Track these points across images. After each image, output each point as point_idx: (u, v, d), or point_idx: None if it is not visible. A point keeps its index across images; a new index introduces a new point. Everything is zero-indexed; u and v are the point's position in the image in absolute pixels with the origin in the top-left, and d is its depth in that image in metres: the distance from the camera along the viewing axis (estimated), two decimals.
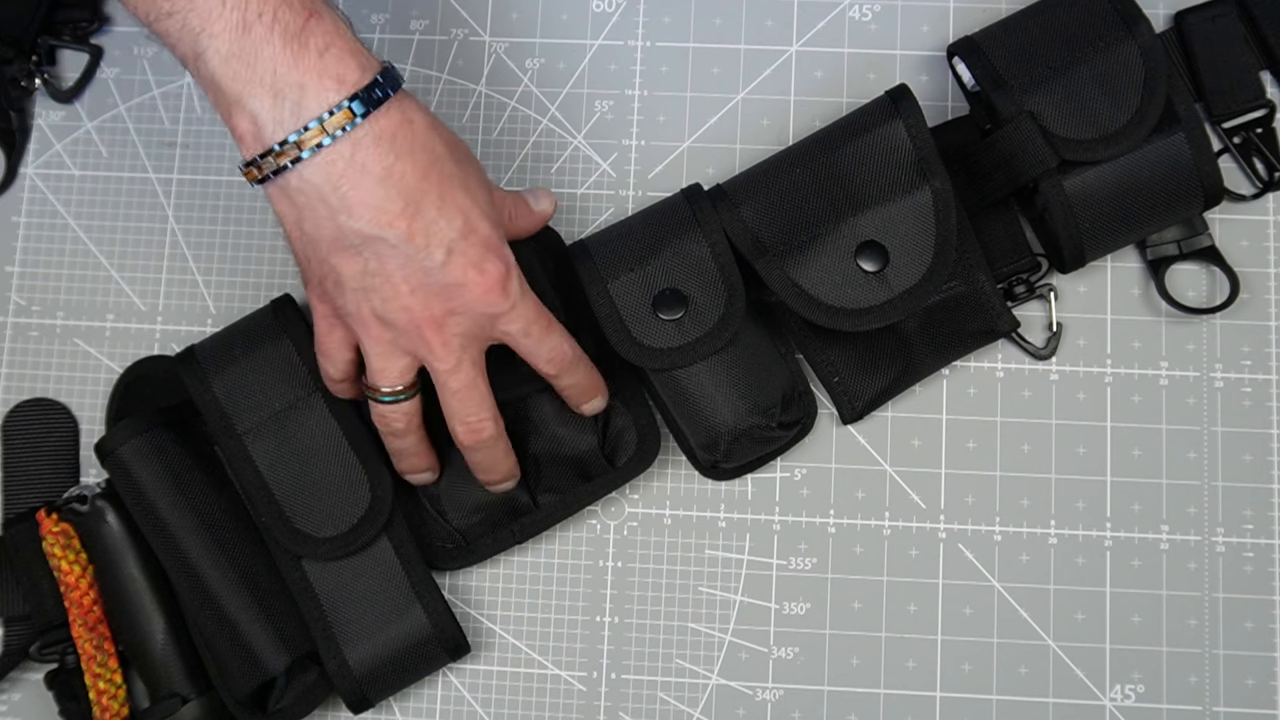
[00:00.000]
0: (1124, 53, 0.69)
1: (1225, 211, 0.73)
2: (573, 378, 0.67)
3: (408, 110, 0.60)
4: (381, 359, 0.63)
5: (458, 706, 0.72)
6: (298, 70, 0.57)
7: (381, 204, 0.58)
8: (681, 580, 0.72)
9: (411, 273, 0.60)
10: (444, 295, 0.61)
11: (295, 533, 0.68)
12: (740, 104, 0.77)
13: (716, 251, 0.69)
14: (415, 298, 0.60)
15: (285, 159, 0.58)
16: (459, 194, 0.61)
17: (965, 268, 0.71)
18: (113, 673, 0.69)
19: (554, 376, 0.66)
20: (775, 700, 0.71)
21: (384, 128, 0.58)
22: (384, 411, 0.65)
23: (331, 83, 0.57)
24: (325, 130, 0.57)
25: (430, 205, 0.59)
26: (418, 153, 0.59)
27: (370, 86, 0.58)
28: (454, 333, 0.62)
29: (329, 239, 0.59)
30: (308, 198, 0.59)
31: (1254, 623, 0.70)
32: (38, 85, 0.79)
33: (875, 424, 0.73)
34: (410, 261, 0.59)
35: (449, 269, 0.60)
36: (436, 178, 0.60)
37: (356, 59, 0.58)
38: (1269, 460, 0.71)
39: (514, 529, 0.71)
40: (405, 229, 0.59)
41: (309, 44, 0.57)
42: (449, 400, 0.64)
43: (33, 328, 0.77)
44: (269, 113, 0.57)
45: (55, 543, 0.69)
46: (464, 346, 0.62)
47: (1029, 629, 0.71)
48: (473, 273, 0.61)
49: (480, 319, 0.62)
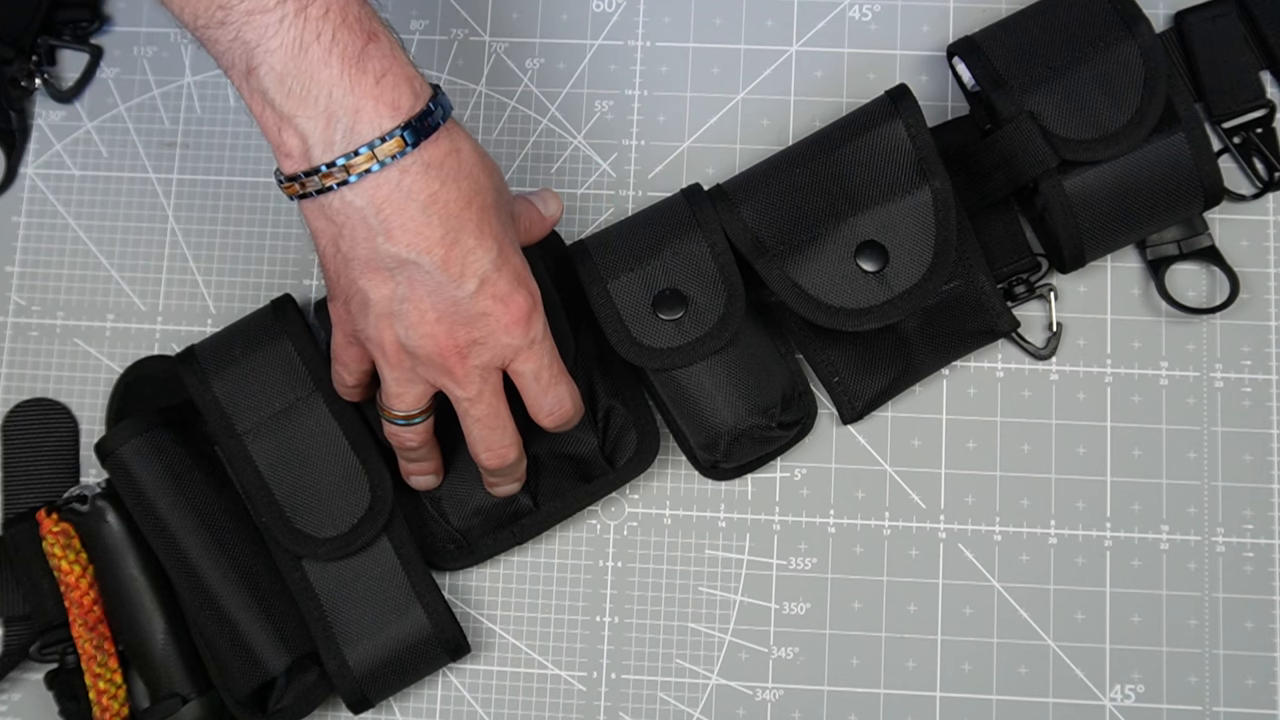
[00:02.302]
0: (1124, 53, 0.69)
1: (1225, 211, 0.73)
2: (566, 429, 0.67)
3: (456, 139, 0.59)
4: (399, 385, 0.63)
5: (458, 706, 0.72)
6: (354, 95, 0.56)
7: (421, 229, 0.58)
8: (681, 580, 0.72)
9: (440, 300, 0.59)
10: (469, 324, 0.60)
11: (295, 533, 0.68)
12: (740, 104, 0.77)
13: (716, 251, 0.69)
14: (441, 325, 0.60)
15: (332, 180, 0.57)
16: (495, 224, 0.60)
17: (965, 268, 0.71)
18: (113, 673, 0.69)
19: (548, 429, 0.66)
20: (775, 700, 0.71)
21: (433, 156, 0.58)
22: (398, 431, 0.65)
23: (387, 109, 0.57)
24: (376, 156, 0.57)
25: (469, 234, 0.59)
26: (462, 181, 0.59)
27: (423, 115, 0.57)
28: (475, 363, 0.61)
29: (363, 259, 0.59)
30: (348, 218, 0.58)
31: (1254, 623, 0.70)
32: (38, 85, 0.79)
33: (875, 424, 0.73)
34: (441, 289, 0.59)
35: (478, 299, 0.60)
36: (478, 207, 0.59)
37: (411, 85, 0.58)
38: (1269, 460, 0.71)
39: (514, 529, 0.71)
40: (442, 256, 0.58)
41: (367, 69, 0.56)
42: (472, 427, 0.63)
43: (33, 328, 0.77)
44: (320, 134, 0.56)
45: (55, 543, 0.69)
46: (484, 377, 0.62)
47: (1029, 629, 0.71)
48: (500, 305, 0.60)
49: (502, 350, 0.61)
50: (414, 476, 0.69)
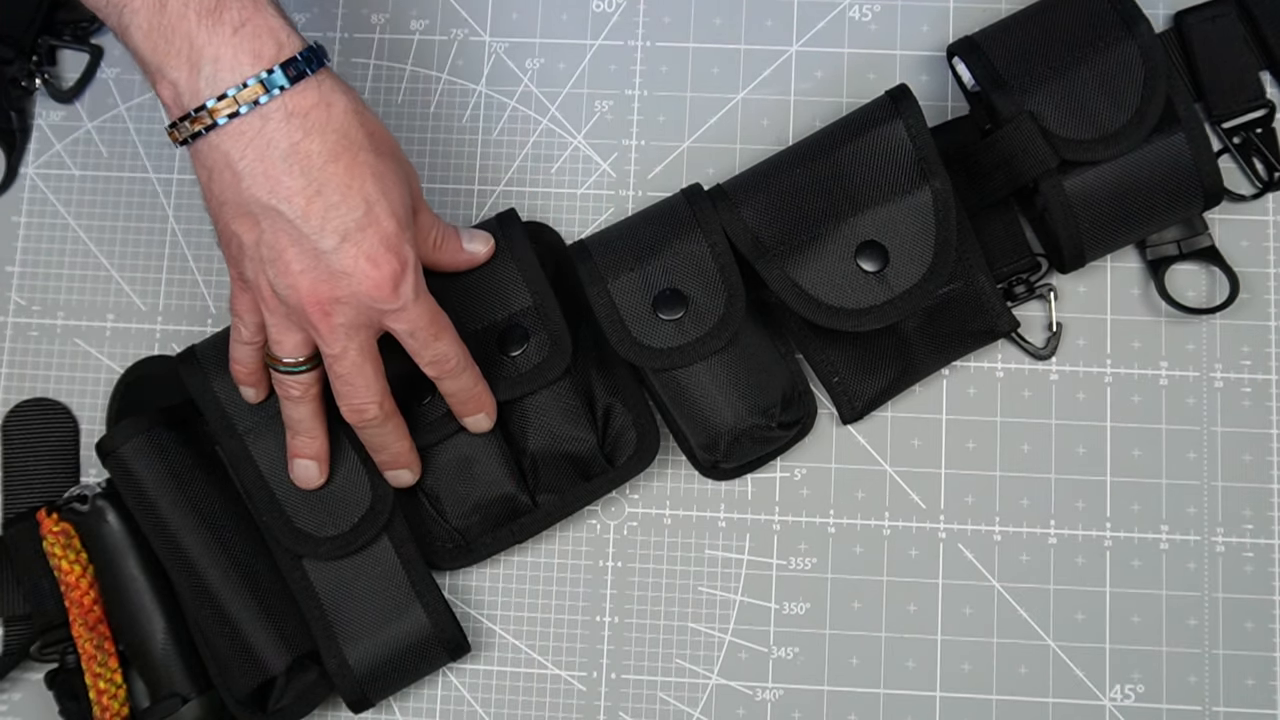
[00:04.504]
0: (1124, 53, 0.69)
1: (1225, 211, 0.73)
2: (456, 384, 0.67)
3: (330, 94, 0.61)
4: (277, 330, 0.64)
5: (458, 706, 0.72)
6: (213, 44, 0.59)
7: (281, 177, 0.59)
8: (681, 580, 0.72)
9: (303, 252, 0.60)
10: (332, 281, 0.61)
11: (296, 532, 0.68)
12: (740, 104, 0.77)
13: (716, 251, 0.69)
14: (304, 278, 0.61)
15: (200, 125, 0.59)
16: (369, 184, 0.61)
17: (965, 268, 0.71)
18: (113, 672, 0.69)
19: (437, 379, 0.66)
20: (775, 700, 0.71)
21: (298, 105, 0.60)
22: (281, 378, 0.66)
23: (247, 57, 0.59)
24: (237, 102, 0.59)
25: (334, 189, 0.60)
26: (329, 134, 0.60)
27: (287, 64, 0.59)
28: (339, 321, 0.62)
29: (232, 204, 0.61)
30: (215, 162, 0.60)
31: (1254, 623, 0.70)
32: (38, 85, 0.79)
33: (875, 424, 0.73)
34: (303, 240, 0.60)
35: (340, 256, 0.60)
36: (347, 163, 0.60)
37: (275, 36, 0.60)
38: (1269, 460, 0.71)
39: (514, 528, 0.71)
40: (303, 207, 0.60)
41: (224, 19, 0.59)
42: (334, 382, 0.64)
43: (33, 328, 0.77)
44: (187, 82, 0.59)
45: (55, 542, 0.69)
46: (349, 335, 0.62)
47: (1029, 629, 0.71)
48: (364, 264, 0.61)
49: (368, 312, 0.62)
50: (298, 460, 0.68)
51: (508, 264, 0.71)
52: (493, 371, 0.69)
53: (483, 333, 0.70)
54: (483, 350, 0.69)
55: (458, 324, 0.66)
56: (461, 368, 0.66)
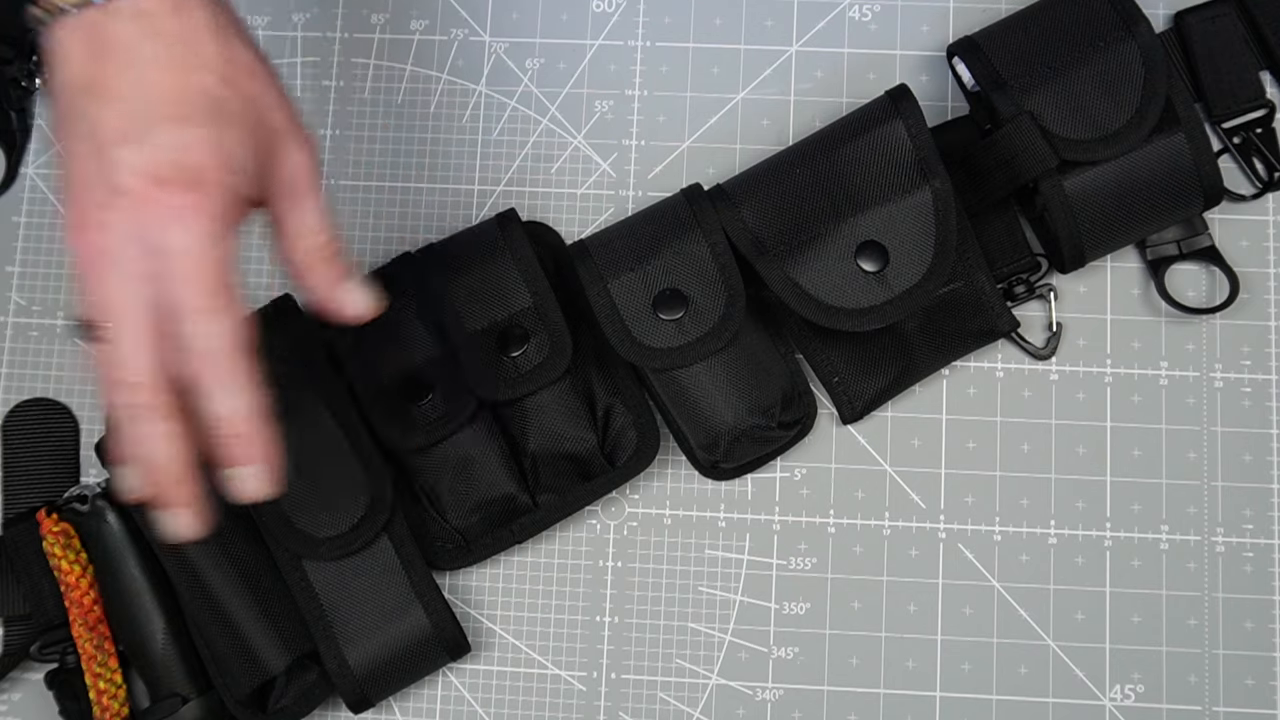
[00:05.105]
0: (1124, 53, 0.69)
1: (1225, 211, 0.73)
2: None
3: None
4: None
5: (458, 706, 0.72)
6: None
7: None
8: (681, 580, 0.72)
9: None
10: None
11: (296, 532, 0.68)
12: (740, 104, 0.77)
13: (716, 251, 0.69)
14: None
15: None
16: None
17: (965, 268, 0.71)
18: (113, 672, 0.69)
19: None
20: (775, 700, 0.71)
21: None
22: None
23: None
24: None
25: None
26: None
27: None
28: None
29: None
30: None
31: (1254, 623, 0.70)
32: (38, 85, 0.79)
33: (875, 424, 0.73)
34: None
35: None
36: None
37: None
38: (1269, 460, 0.71)
39: (513, 528, 0.71)
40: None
41: None
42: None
43: (33, 328, 0.77)
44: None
45: (55, 543, 0.69)
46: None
47: (1029, 629, 0.71)
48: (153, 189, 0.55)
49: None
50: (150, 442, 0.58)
51: (508, 264, 0.71)
52: (493, 372, 0.69)
53: (483, 333, 0.70)
54: (483, 350, 0.69)
55: (458, 324, 0.66)
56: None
